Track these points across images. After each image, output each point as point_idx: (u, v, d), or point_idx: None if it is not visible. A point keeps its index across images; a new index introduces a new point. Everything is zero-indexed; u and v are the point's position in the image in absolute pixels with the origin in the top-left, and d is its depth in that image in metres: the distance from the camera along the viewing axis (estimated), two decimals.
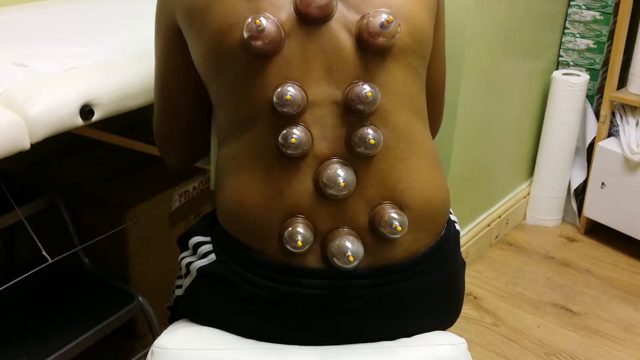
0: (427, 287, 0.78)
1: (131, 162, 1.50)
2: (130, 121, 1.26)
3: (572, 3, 1.97)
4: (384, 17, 0.72)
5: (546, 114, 2.01)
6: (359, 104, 0.73)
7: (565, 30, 2.01)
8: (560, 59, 2.04)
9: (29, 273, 1.15)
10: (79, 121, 0.96)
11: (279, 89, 0.72)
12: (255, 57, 0.74)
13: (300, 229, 0.72)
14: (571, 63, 2.03)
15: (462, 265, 0.86)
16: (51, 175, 1.45)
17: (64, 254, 1.21)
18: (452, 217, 0.85)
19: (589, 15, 1.95)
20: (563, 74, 1.95)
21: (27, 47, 1.08)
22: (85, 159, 1.53)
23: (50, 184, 1.37)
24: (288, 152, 0.72)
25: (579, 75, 1.95)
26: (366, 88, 0.72)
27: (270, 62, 0.74)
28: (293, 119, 0.73)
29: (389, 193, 0.75)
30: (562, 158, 2.03)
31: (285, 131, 0.72)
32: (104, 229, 1.34)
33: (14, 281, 1.14)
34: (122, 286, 1.36)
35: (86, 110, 0.97)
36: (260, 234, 0.75)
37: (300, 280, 0.74)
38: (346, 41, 0.74)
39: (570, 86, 1.93)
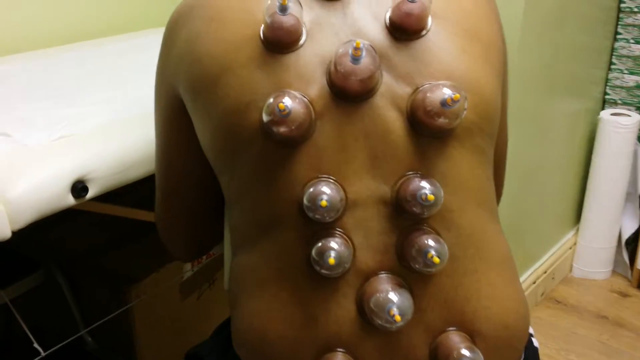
0: None
1: (136, 227, 1.35)
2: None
3: (618, 37, 1.80)
4: (447, 93, 0.55)
5: (593, 157, 1.84)
6: (415, 206, 0.55)
7: (612, 66, 1.84)
8: (607, 97, 1.87)
9: None
10: (71, 200, 0.82)
11: (311, 189, 0.55)
12: (278, 145, 0.58)
13: None
14: (619, 101, 1.85)
15: None
16: (48, 244, 1.30)
17: (63, 343, 1.06)
18: (529, 330, 0.68)
19: (637, 49, 1.78)
20: (611, 114, 1.78)
21: (12, 110, 0.93)
22: (85, 224, 1.37)
23: (48, 255, 1.23)
24: (323, 271, 0.55)
25: (629, 116, 1.77)
26: (425, 187, 0.55)
27: (297, 151, 0.57)
28: (328, 225, 0.57)
29: (456, 317, 0.58)
30: (611, 205, 1.84)
31: (320, 244, 0.55)
32: (108, 304, 1.19)
33: None
34: None
35: (79, 187, 0.83)
36: None
37: None
38: (395, 122, 0.58)
39: (619, 127, 1.75)
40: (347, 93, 0.57)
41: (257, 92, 0.57)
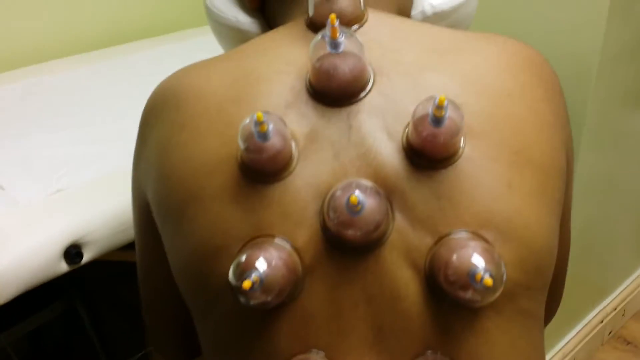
0: None
1: None
2: None
3: None
4: (479, 265, 0.40)
5: None
6: None
7: None
8: None
9: None
10: (64, 267, 0.76)
11: None
12: (254, 307, 0.45)
13: None
14: None
15: None
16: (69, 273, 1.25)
17: None
18: None
19: None
20: None
21: (10, 148, 0.86)
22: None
23: (68, 284, 1.17)
24: None
25: None
26: None
27: (278, 316, 0.44)
28: None
29: None
30: None
31: None
32: (128, 338, 1.13)
33: None
34: None
35: (73, 253, 0.75)
36: None
37: None
38: (408, 284, 0.44)
39: None
40: (345, 243, 0.44)
41: (229, 235, 0.44)
